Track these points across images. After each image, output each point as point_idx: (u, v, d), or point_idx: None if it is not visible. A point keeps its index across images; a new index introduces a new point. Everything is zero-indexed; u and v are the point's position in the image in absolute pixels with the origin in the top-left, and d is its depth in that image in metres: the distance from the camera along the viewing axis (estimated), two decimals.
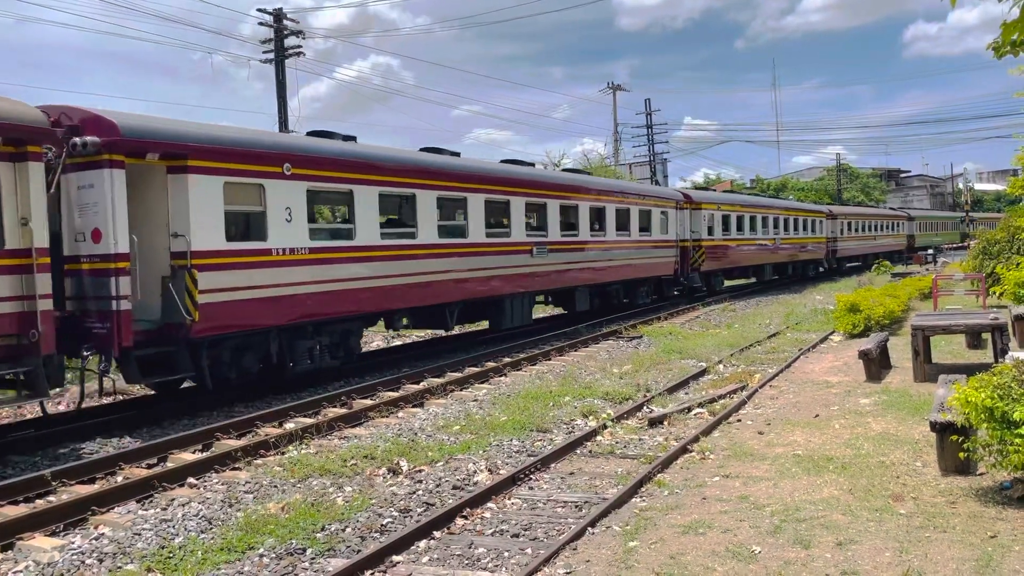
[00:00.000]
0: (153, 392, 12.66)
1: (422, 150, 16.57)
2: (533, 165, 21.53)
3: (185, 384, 12.47)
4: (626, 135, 74.20)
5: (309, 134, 14.39)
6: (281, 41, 29.45)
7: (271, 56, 29.57)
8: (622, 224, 22.39)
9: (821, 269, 42.83)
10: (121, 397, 12.78)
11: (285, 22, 29.56)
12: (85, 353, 10.12)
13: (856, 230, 44.82)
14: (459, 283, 15.84)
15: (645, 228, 23.76)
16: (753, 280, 35.36)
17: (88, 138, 9.84)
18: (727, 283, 32.55)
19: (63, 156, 9.89)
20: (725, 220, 29.68)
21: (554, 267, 18.98)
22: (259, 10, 29.46)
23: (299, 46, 29.82)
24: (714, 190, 42.76)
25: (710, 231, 28.20)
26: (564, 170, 25.97)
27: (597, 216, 21.30)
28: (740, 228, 31.00)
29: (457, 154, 16.94)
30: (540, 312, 23.20)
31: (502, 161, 19.77)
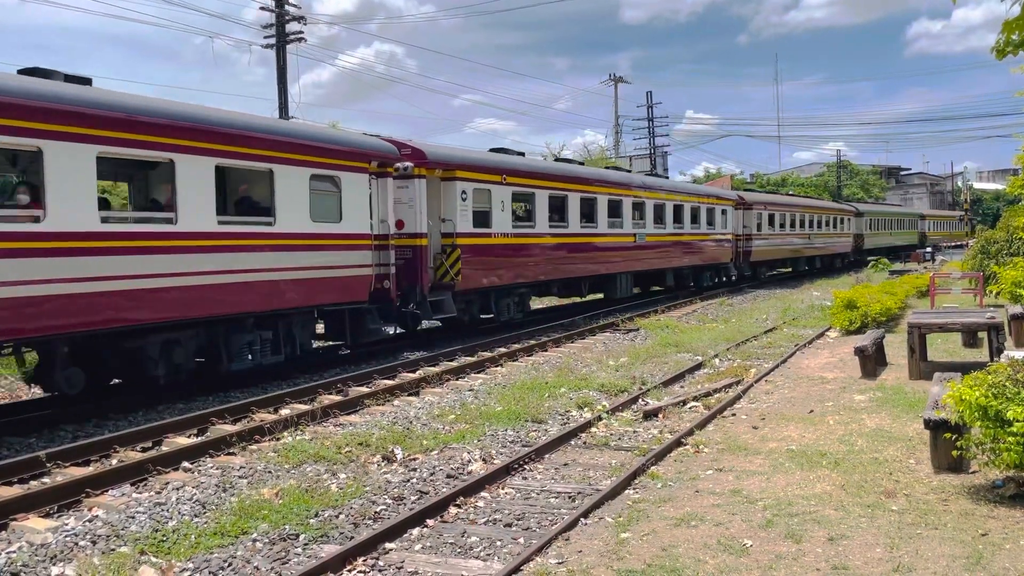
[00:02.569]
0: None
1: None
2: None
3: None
4: (627, 127, 74.11)
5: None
6: (282, 26, 29.31)
7: (272, 41, 29.44)
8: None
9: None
10: None
11: (287, 7, 29.42)
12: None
13: (778, 225, 36.14)
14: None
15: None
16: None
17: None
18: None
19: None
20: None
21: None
22: None
23: (300, 32, 29.70)
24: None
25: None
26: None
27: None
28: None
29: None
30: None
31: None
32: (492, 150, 19.97)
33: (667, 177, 40.99)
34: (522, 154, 20.49)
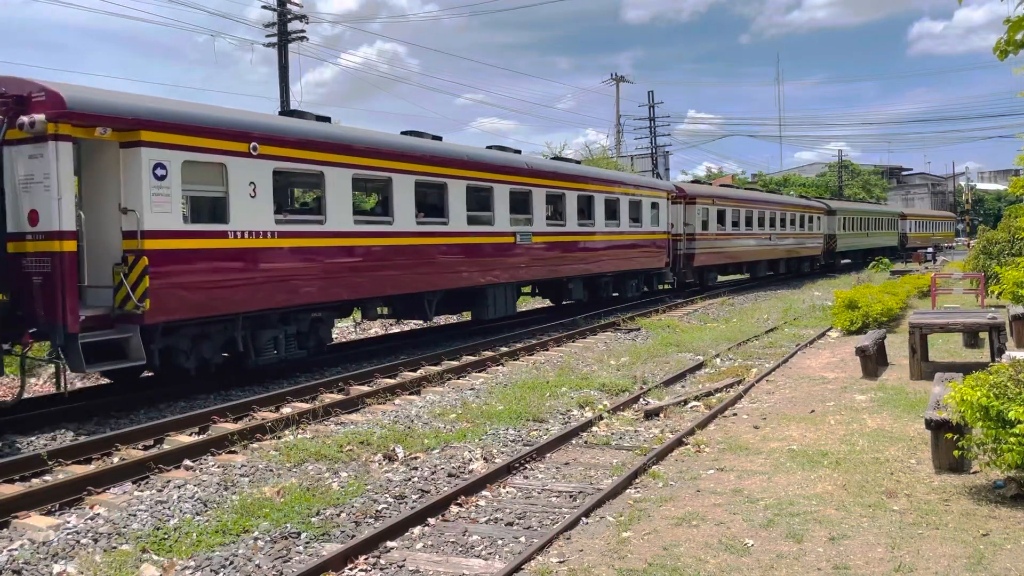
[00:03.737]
0: (152, 374, 12.64)
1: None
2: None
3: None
4: (629, 127, 74.19)
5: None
6: (284, 25, 29.33)
7: (274, 40, 29.46)
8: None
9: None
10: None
11: (289, 6, 29.43)
12: None
13: (730, 223, 30.40)
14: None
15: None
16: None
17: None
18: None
19: None
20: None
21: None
22: None
23: (302, 31, 29.72)
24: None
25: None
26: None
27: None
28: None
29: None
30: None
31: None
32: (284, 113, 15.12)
33: (667, 176, 40.58)
34: (327, 119, 14.13)
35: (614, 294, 23.32)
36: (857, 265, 45.95)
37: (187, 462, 8.19)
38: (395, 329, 19.79)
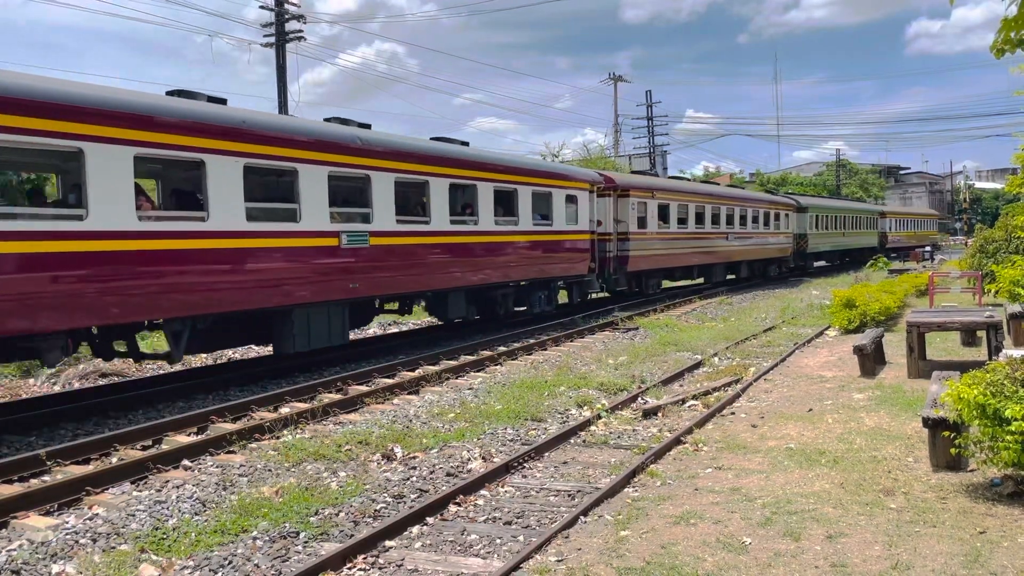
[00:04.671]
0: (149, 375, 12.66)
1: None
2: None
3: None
4: (627, 126, 74.23)
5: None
6: (282, 25, 29.32)
7: (272, 40, 29.45)
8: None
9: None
10: None
11: (286, 6, 29.42)
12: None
13: (675, 220, 25.96)
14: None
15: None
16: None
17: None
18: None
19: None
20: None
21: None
22: None
23: (300, 31, 29.70)
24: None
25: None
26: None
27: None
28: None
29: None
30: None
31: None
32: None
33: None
34: (221, 100, 11.54)
35: (520, 308, 18.97)
36: (832, 268, 43.23)
37: (186, 462, 8.19)
38: (393, 329, 19.80)
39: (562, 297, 21.44)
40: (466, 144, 17.11)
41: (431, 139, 16.20)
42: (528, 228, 18.01)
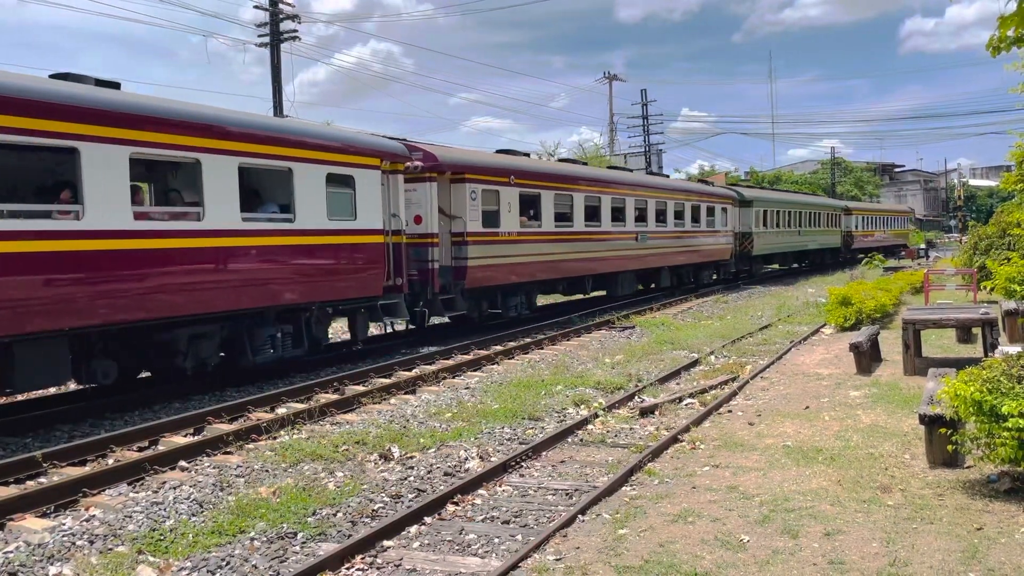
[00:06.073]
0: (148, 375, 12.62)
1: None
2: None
3: None
4: (622, 125, 74.31)
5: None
6: (276, 25, 29.27)
7: (267, 40, 29.40)
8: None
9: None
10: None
11: (281, 6, 29.37)
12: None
13: (549, 216, 19.37)
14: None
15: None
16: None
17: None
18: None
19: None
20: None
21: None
22: None
23: (295, 31, 29.65)
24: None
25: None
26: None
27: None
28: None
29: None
30: None
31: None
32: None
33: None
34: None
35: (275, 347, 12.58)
36: (785, 274, 37.51)
37: (182, 463, 8.17)
38: (388, 329, 19.75)
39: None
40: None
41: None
42: (229, 226, 11.19)
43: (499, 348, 15.15)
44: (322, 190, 12.91)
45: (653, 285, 26.10)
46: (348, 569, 5.61)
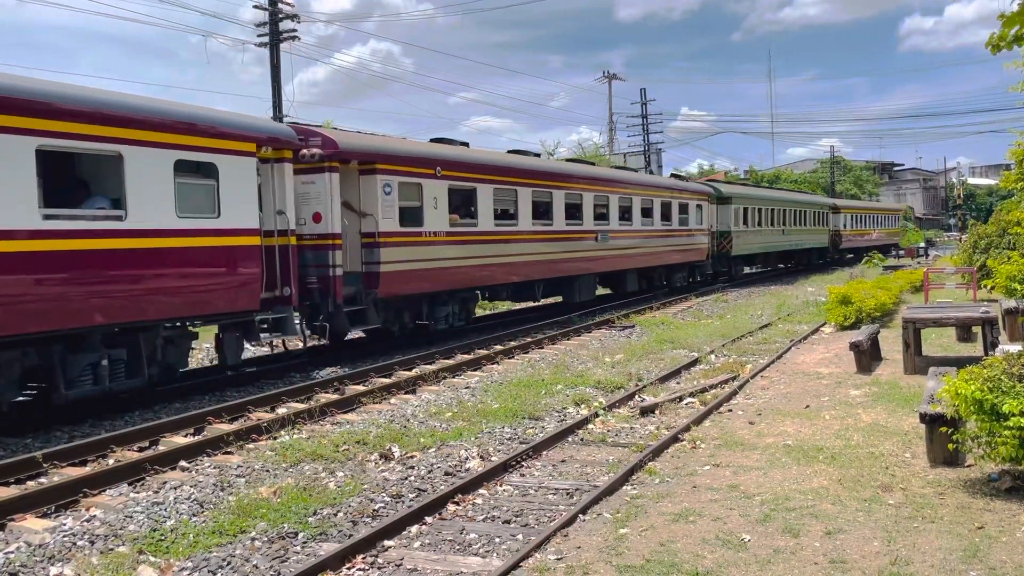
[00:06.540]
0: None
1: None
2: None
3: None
4: (621, 124, 74.28)
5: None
6: (276, 25, 29.25)
7: (266, 40, 29.38)
8: None
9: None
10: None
11: (280, 6, 29.35)
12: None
13: (485, 213, 17.09)
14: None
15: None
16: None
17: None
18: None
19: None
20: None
21: None
22: None
23: (294, 30, 29.62)
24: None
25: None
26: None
27: None
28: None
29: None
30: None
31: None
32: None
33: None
34: None
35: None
36: (769, 276, 35.46)
37: (183, 463, 8.17)
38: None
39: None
40: None
41: None
42: (23, 225, 9.03)
43: (499, 347, 15.15)
44: (169, 181, 10.45)
45: (610, 290, 24.32)
46: (349, 569, 5.61)
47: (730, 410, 10.08)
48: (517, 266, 18.11)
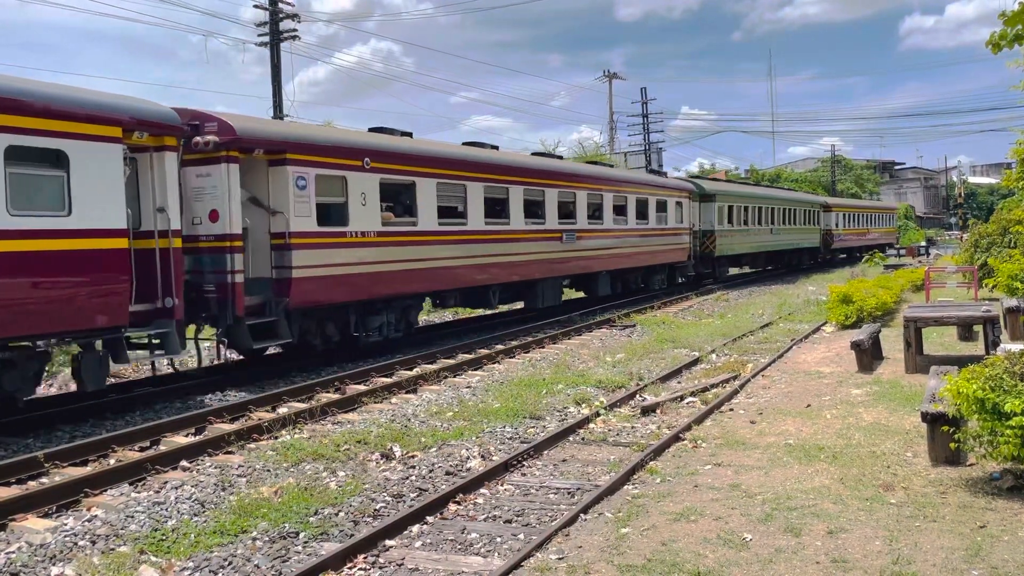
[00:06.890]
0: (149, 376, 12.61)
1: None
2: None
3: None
4: (622, 124, 74.31)
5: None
6: (276, 24, 29.24)
7: (266, 40, 29.38)
8: None
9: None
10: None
11: (280, 5, 29.35)
12: None
13: (428, 209, 15.07)
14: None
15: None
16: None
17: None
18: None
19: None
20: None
21: None
22: None
23: (295, 30, 29.62)
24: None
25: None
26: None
27: None
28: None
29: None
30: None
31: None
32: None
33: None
34: None
35: None
36: (756, 278, 33.85)
37: (184, 463, 8.17)
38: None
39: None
40: None
41: None
42: None
43: (500, 347, 15.15)
44: None
45: (585, 293, 22.68)
46: (350, 569, 5.61)
47: (731, 409, 10.07)
48: (465, 270, 16.15)
